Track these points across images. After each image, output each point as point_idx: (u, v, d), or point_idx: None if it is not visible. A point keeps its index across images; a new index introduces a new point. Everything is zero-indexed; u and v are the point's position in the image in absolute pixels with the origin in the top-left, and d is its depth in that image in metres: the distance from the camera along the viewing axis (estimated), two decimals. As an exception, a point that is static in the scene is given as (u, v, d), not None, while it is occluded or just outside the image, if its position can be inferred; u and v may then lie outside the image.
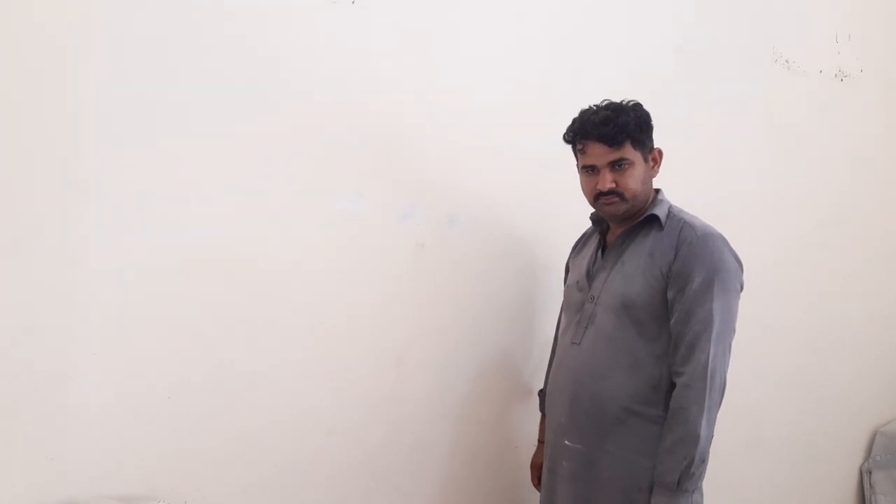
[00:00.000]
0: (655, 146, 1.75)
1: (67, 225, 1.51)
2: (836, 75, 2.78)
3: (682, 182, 1.95)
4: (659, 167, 1.76)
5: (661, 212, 1.71)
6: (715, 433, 1.61)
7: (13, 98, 1.44)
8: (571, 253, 1.99)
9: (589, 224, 1.92)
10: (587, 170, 1.72)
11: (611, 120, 1.65)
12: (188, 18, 1.61)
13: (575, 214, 1.97)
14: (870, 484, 3.07)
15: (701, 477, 1.60)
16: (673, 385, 1.63)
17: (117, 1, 1.53)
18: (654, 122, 1.74)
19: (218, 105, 1.65)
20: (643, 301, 1.66)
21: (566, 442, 1.75)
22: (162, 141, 1.59)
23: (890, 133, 2.98)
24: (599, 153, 1.68)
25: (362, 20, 1.82)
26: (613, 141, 1.65)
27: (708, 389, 1.58)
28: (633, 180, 1.68)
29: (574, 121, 1.74)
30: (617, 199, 1.69)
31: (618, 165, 1.67)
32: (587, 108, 1.73)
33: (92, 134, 1.52)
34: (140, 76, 1.56)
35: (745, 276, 1.71)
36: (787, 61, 2.64)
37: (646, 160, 1.72)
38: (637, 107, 1.71)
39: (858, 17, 2.83)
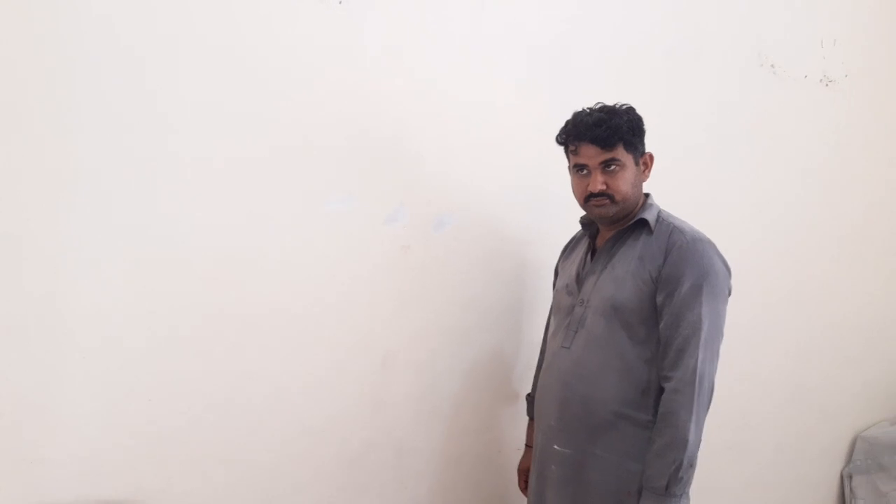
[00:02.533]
0: (647, 151, 1.75)
1: (53, 227, 1.48)
2: (821, 80, 2.79)
3: (668, 186, 1.94)
4: (650, 172, 1.76)
5: (650, 216, 1.71)
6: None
7: (2, 98, 1.42)
8: (560, 256, 1.98)
9: (578, 227, 1.92)
10: (578, 170, 1.72)
11: (604, 122, 1.65)
12: (175, 20, 1.58)
13: (564, 217, 1.96)
14: (850, 488, 3.09)
15: (689, 481, 1.60)
16: (662, 389, 1.63)
17: (108, 2, 1.51)
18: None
19: (204, 107, 1.63)
20: (633, 305, 1.66)
21: (555, 446, 1.74)
22: (149, 144, 1.57)
23: (875, 137, 3.00)
24: (591, 154, 1.67)
25: (349, 20, 1.80)
26: (606, 142, 1.65)
27: (696, 394, 1.58)
28: (623, 182, 1.68)
29: (567, 122, 1.74)
30: (607, 200, 1.68)
31: (609, 167, 1.67)
32: (580, 110, 1.73)
33: (79, 135, 1.49)
34: (129, 81, 1.54)
35: (731, 281, 1.71)
36: (772, 66, 2.65)
37: (637, 164, 1.72)
38: (630, 110, 1.71)
39: (843, 21, 2.84)
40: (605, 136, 1.65)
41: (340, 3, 1.79)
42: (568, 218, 1.91)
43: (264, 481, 1.77)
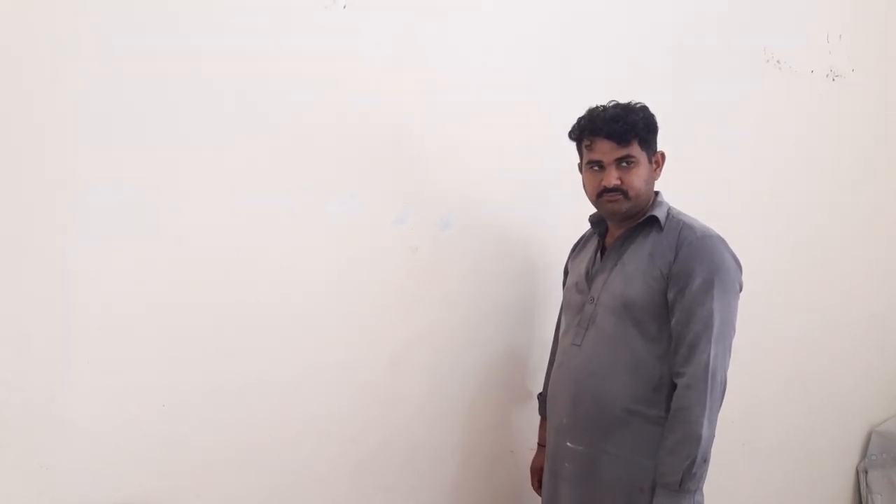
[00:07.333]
0: (659, 149, 1.76)
1: (59, 232, 1.48)
2: (827, 75, 2.79)
3: (676, 183, 1.94)
4: (661, 170, 1.77)
5: (660, 213, 1.72)
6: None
7: (2, 101, 1.42)
8: (570, 255, 1.99)
9: (587, 226, 1.92)
10: (592, 165, 1.72)
11: (620, 118, 1.66)
12: (179, 22, 1.59)
13: (572, 216, 1.96)
14: (866, 483, 3.08)
15: (703, 477, 1.60)
16: (674, 386, 1.63)
17: (109, 4, 1.51)
18: (651, 123, 1.74)
19: (209, 109, 1.63)
20: (643, 302, 1.66)
21: (568, 443, 1.74)
22: (153, 145, 1.57)
23: (882, 132, 3.00)
24: (607, 149, 1.68)
25: (354, 24, 1.80)
26: (622, 138, 1.66)
27: (709, 389, 1.58)
28: (637, 179, 1.68)
29: (581, 118, 1.74)
30: (620, 196, 1.68)
31: (624, 163, 1.68)
32: (595, 106, 1.73)
33: (83, 138, 1.50)
34: (132, 81, 1.54)
35: (742, 277, 1.71)
36: (778, 61, 2.64)
37: (650, 161, 1.72)
38: (645, 108, 1.72)
39: (850, 16, 2.84)
40: (621, 131, 1.65)
41: (344, 7, 1.79)
42: (575, 216, 1.92)
43: (275, 484, 1.77)
